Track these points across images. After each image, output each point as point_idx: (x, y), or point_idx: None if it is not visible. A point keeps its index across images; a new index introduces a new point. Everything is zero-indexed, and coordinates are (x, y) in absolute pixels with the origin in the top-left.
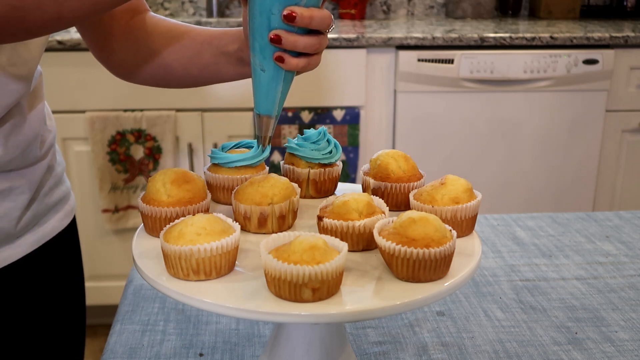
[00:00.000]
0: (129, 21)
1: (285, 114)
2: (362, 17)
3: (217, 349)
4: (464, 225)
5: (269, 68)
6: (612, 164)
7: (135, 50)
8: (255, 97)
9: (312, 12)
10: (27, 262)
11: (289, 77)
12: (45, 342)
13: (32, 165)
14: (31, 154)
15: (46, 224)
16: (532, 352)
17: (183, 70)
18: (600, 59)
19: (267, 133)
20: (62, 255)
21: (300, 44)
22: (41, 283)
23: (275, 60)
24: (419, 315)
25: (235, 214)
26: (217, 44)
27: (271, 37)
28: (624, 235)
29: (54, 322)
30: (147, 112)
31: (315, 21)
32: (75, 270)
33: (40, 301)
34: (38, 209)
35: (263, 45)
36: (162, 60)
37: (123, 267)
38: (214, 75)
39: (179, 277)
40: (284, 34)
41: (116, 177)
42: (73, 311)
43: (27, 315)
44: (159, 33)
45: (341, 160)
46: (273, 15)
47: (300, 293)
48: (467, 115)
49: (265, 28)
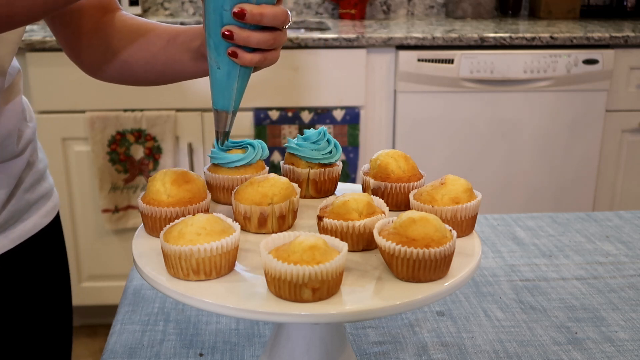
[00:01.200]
0: (98, 20)
1: (285, 114)
2: (362, 17)
3: (217, 349)
4: (464, 225)
5: (224, 64)
6: (612, 164)
7: (103, 48)
8: (212, 93)
9: (262, 9)
10: (7, 259)
11: (245, 72)
12: (29, 341)
13: (9, 160)
14: (7, 149)
15: (27, 220)
16: (532, 352)
17: (146, 66)
18: (600, 59)
19: (224, 128)
20: (45, 252)
21: (253, 39)
22: (23, 280)
23: (229, 55)
24: (419, 315)
25: (235, 214)
26: (182, 40)
27: (223, 33)
28: (624, 235)
29: (38, 321)
30: (147, 112)
31: (267, 18)
32: (60, 268)
33: (23, 298)
34: (18, 205)
35: (217, 42)
36: (127, 57)
37: (123, 267)
38: (179, 72)
39: (179, 277)
40: (236, 30)
41: (116, 177)
42: (58, 310)
43: (9, 312)
44: (125, 31)
45: (341, 160)
46: (225, 12)
47: (300, 293)
48: (467, 115)
49: (218, 25)
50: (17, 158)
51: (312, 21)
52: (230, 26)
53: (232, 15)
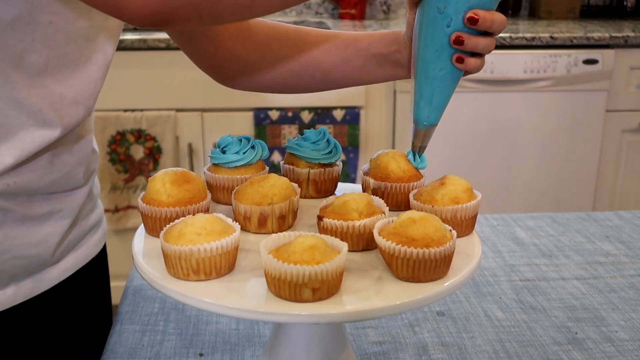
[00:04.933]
0: (239, 26)
1: (285, 114)
2: (362, 17)
3: (217, 349)
4: (464, 225)
5: (445, 70)
6: (612, 164)
7: (257, 57)
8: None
9: (494, 16)
10: (58, 291)
11: (457, 82)
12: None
13: (74, 190)
14: (74, 179)
15: (80, 249)
16: (532, 352)
17: (323, 76)
18: (600, 59)
19: (426, 143)
20: (93, 281)
21: (480, 44)
22: (71, 311)
23: (455, 61)
24: (419, 315)
25: (235, 214)
26: (366, 46)
27: (453, 39)
28: (624, 235)
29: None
30: (147, 112)
31: (496, 24)
32: (104, 296)
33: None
34: (75, 234)
35: (441, 47)
36: (297, 67)
37: (123, 267)
38: (358, 78)
39: (179, 277)
40: (466, 36)
41: (116, 177)
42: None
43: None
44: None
45: (341, 160)
46: (452, 20)
47: (300, 293)
48: (467, 115)
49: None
50: (81, 188)
51: (312, 21)
52: (460, 32)
53: (465, 21)
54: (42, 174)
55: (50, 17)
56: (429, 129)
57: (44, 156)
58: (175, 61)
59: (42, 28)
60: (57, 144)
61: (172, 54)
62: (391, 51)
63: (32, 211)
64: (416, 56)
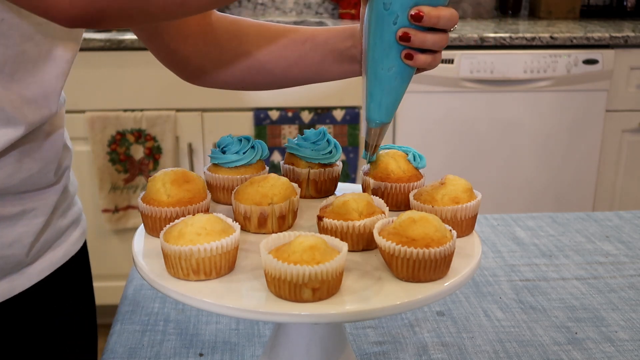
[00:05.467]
0: (201, 22)
1: (285, 114)
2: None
3: (217, 349)
4: (464, 225)
5: (394, 68)
6: (612, 164)
7: (218, 53)
8: (376, 105)
9: (439, 12)
10: (36, 291)
11: (409, 79)
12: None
13: (46, 188)
14: (46, 177)
15: (57, 248)
16: (532, 352)
17: (282, 71)
18: (600, 59)
19: (379, 142)
20: (73, 280)
21: (429, 40)
22: (51, 311)
23: (404, 57)
24: (419, 315)
25: (235, 214)
26: (323, 41)
27: (400, 35)
28: (624, 235)
29: (64, 350)
30: (147, 112)
31: (443, 20)
32: (86, 294)
33: (50, 330)
34: (50, 233)
35: (388, 46)
36: (256, 62)
37: (123, 267)
38: (316, 74)
39: (179, 277)
40: (413, 32)
41: (116, 177)
42: (84, 338)
43: (37, 344)
44: (249, 33)
45: (341, 160)
46: (399, 16)
47: (300, 293)
48: (467, 115)
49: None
50: (54, 186)
51: (312, 21)
52: (406, 28)
53: (409, 18)
54: (11, 173)
55: (1, 15)
56: (382, 127)
57: (10, 155)
58: None
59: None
60: (23, 142)
61: None
62: (347, 46)
63: (3, 211)
64: (366, 53)
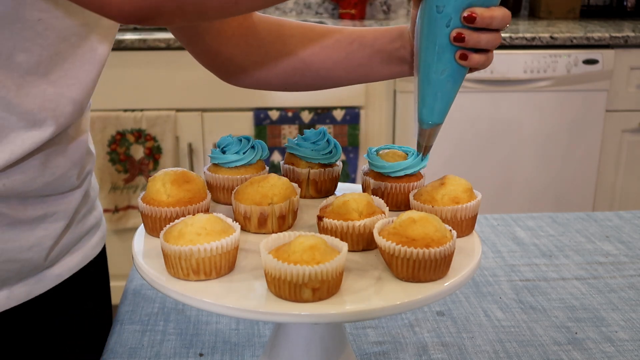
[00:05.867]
0: (243, 23)
1: (285, 114)
2: (362, 17)
3: (217, 349)
4: (464, 225)
5: (447, 71)
6: (612, 164)
7: (262, 53)
8: (426, 105)
9: (492, 12)
10: (53, 295)
11: (462, 79)
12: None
13: (68, 192)
14: (68, 182)
15: (76, 253)
16: (532, 352)
17: (327, 72)
18: (600, 59)
19: (431, 142)
20: (91, 285)
21: (482, 40)
22: (68, 315)
23: (458, 58)
24: (419, 315)
25: (235, 214)
26: (371, 42)
27: (454, 36)
28: (624, 235)
29: (80, 353)
30: (147, 112)
31: (496, 21)
32: (104, 298)
33: (66, 333)
34: (70, 237)
35: (441, 47)
36: (301, 63)
37: (123, 267)
38: (363, 75)
39: (179, 277)
40: (467, 32)
41: (116, 177)
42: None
43: (53, 348)
44: (294, 34)
45: (341, 160)
46: (452, 19)
47: (300, 293)
48: (467, 115)
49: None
50: (76, 190)
51: (312, 21)
52: (459, 29)
53: (462, 20)
54: (34, 176)
55: (39, 15)
56: (434, 127)
57: (35, 158)
58: (175, 61)
59: (31, 26)
60: (49, 145)
61: (172, 54)
62: (396, 47)
63: (25, 214)
64: (418, 56)
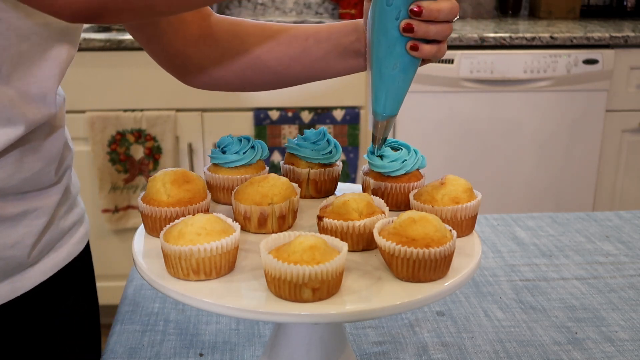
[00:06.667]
0: (201, 24)
1: (285, 114)
2: (362, 17)
3: (217, 349)
4: (464, 225)
5: (401, 62)
6: (612, 164)
7: (219, 53)
8: (381, 99)
9: (439, 5)
10: (39, 292)
11: (414, 71)
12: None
13: (47, 188)
14: (46, 177)
15: (60, 249)
16: (532, 352)
17: (284, 69)
18: (600, 59)
19: (386, 134)
20: (76, 281)
21: (432, 31)
22: (54, 312)
23: (409, 49)
24: (419, 315)
25: (235, 214)
26: (326, 37)
27: (403, 27)
28: (624, 235)
29: (68, 351)
30: (147, 112)
31: (443, 13)
32: (89, 295)
33: (53, 331)
34: (53, 234)
35: (392, 40)
36: (258, 60)
37: (123, 267)
38: (320, 71)
39: (179, 277)
40: (416, 23)
41: (116, 177)
42: (87, 338)
43: (40, 346)
44: (250, 33)
45: (341, 160)
46: (401, 11)
47: (300, 293)
48: (467, 115)
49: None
50: (55, 186)
51: (312, 21)
52: (408, 20)
53: (409, 13)
54: (11, 172)
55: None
56: (389, 120)
57: (10, 155)
58: None
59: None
60: (23, 142)
61: None
62: (351, 40)
63: (4, 212)
64: (370, 49)
